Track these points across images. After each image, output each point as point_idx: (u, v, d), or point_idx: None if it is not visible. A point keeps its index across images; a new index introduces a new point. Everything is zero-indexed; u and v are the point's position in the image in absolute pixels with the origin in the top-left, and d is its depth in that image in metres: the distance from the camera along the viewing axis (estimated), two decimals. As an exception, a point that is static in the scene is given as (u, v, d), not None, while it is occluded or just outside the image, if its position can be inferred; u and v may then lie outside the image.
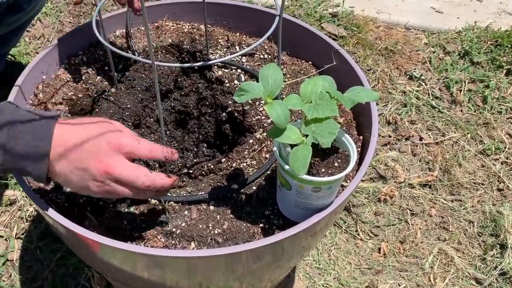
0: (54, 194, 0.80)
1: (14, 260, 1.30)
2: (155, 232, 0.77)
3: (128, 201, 0.81)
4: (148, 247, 0.74)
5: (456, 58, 1.91)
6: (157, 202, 0.81)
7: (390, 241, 1.40)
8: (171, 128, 1.10)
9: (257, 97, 0.71)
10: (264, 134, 0.93)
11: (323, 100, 0.71)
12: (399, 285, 1.31)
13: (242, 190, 0.83)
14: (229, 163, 0.89)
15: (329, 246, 1.38)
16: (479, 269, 1.35)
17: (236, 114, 1.00)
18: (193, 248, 0.76)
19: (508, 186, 1.52)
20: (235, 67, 1.04)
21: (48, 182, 0.70)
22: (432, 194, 1.51)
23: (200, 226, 0.78)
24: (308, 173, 0.71)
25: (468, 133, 1.66)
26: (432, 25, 2.08)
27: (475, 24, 2.07)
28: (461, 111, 1.74)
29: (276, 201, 0.81)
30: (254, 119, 0.96)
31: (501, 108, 1.75)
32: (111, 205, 0.80)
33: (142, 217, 0.79)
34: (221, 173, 0.88)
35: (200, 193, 0.83)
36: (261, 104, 0.98)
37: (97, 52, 1.06)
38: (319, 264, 1.35)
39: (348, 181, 0.83)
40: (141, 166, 0.70)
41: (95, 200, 0.80)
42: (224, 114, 1.03)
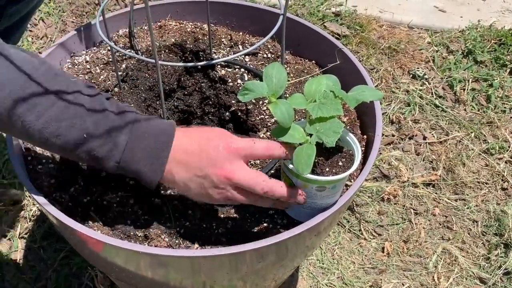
0: (58, 194, 0.80)
1: (18, 260, 1.30)
2: (159, 232, 0.76)
3: (132, 201, 0.81)
4: (152, 247, 0.74)
5: (460, 57, 1.90)
6: (161, 202, 0.81)
7: (394, 241, 1.40)
8: (175, 128, 1.10)
9: (261, 96, 0.70)
10: (268, 134, 0.93)
11: (328, 99, 0.71)
12: (403, 285, 1.31)
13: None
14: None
15: (333, 246, 1.38)
16: (483, 269, 1.34)
17: (240, 114, 1.00)
18: (197, 248, 0.76)
19: (512, 185, 1.52)
20: (239, 67, 1.04)
21: (156, 187, 0.70)
22: (436, 194, 1.50)
23: (204, 226, 0.78)
24: (313, 172, 0.70)
25: (472, 132, 1.65)
26: (435, 24, 2.08)
27: (479, 23, 2.06)
28: (465, 110, 1.74)
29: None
30: (258, 119, 0.96)
31: (505, 107, 1.74)
32: (115, 205, 0.80)
33: (146, 217, 0.79)
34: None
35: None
36: (265, 104, 0.98)
37: (100, 52, 1.06)
38: (323, 264, 1.34)
39: (352, 181, 0.83)
40: (261, 172, 0.70)
41: (99, 200, 0.80)
42: (228, 114, 1.03)
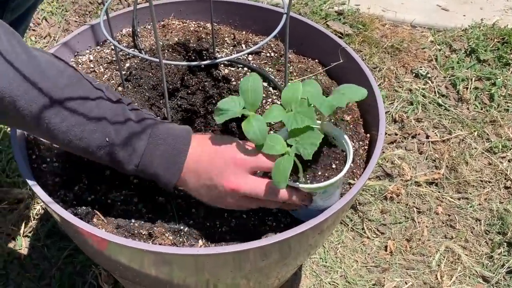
0: (62, 192, 0.81)
1: (22, 258, 1.31)
2: (163, 230, 0.77)
3: (136, 199, 0.81)
4: (156, 245, 0.74)
5: (463, 56, 1.90)
6: (165, 200, 0.82)
7: (397, 239, 1.40)
8: (178, 127, 1.10)
9: (235, 116, 0.70)
10: (271, 132, 0.93)
11: (303, 108, 0.70)
12: (406, 283, 1.31)
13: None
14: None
15: (336, 244, 1.38)
16: (486, 267, 1.34)
17: (243, 112, 1.00)
18: (201, 246, 0.76)
19: (515, 184, 1.51)
20: (242, 66, 1.04)
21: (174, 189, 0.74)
22: (439, 192, 1.50)
23: (208, 224, 0.79)
24: (305, 177, 0.72)
25: (475, 131, 1.65)
26: (438, 23, 2.08)
27: (482, 22, 2.06)
28: (468, 109, 1.74)
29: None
30: (261, 117, 0.96)
31: (508, 106, 1.74)
32: (119, 203, 0.80)
33: (150, 215, 0.79)
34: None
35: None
36: (268, 102, 0.98)
37: (104, 51, 1.06)
38: (326, 262, 1.35)
39: (356, 179, 0.83)
40: (266, 179, 0.72)
41: (103, 198, 0.81)
42: (231, 112, 1.03)
